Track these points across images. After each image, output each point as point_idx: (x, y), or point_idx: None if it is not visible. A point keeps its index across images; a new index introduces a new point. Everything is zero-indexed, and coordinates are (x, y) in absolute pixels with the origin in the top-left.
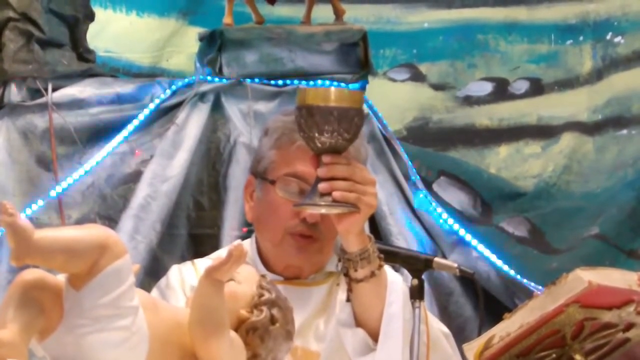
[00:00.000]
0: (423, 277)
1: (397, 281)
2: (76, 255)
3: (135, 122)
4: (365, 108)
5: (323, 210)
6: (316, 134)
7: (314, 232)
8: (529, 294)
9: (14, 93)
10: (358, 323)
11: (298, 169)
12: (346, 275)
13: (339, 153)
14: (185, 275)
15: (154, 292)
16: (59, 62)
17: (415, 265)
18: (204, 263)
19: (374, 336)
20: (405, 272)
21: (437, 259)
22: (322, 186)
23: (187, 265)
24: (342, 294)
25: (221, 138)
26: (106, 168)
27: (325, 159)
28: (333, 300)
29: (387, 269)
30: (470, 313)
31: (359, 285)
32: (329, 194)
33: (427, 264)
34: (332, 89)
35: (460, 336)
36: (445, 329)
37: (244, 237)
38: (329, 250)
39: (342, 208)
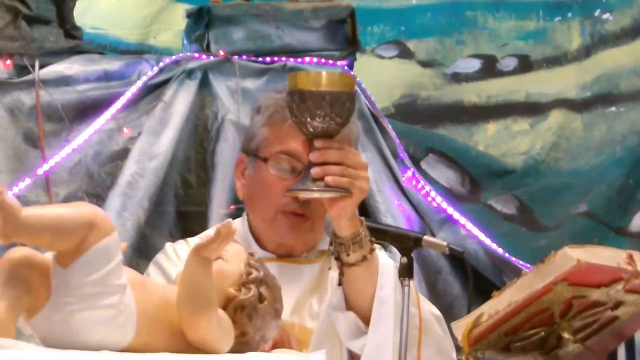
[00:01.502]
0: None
1: (388, 264)
2: (64, 233)
3: (123, 100)
4: None
5: (316, 195)
6: (308, 119)
7: (305, 210)
8: (517, 272)
9: (1, 70)
10: (349, 306)
11: (290, 147)
12: (337, 259)
13: (331, 137)
14: (179, 252)
15: (151, 268)
16: (46, 39)
17: (404, 243)
18: (196, 241)
19: (366, 319)
20: (394, 249)
21: (426, 237)
22: (314, 171)
23: (180, 243)
24: (334, 274)
25: (209, 115)
26: (93, 145)
27: (318, 143)
28: (325, 279)
29: (379, 252)
30: (458, 291)
31: (351, 269)
32: (321, 178)
33: (417, 242)
34: (324, 73)
35: (449, 314)
36: (437, 311)
37: (231, 215)
38: (321, 228)
39: (335, 192)
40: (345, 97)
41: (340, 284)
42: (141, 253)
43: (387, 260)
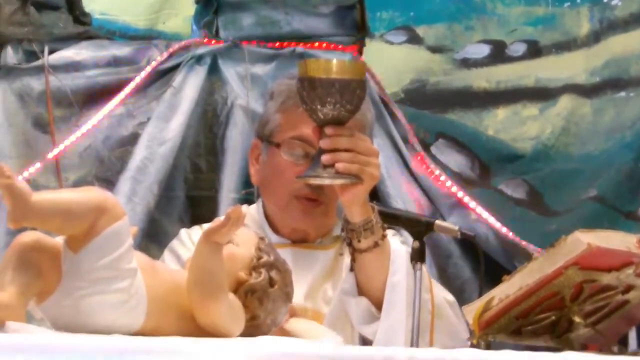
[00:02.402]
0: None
1: (400, 250)
2: (74, 218)
3: (132, 85)
4: None
5: (326, 182)
6: (318, 106)
7: (319, 195)
8: (528, 257)
9: (10, 55)
10: (361, 292)
11: (303, 132)
12: (349, 245)
13: (341, 124)
14: (194, 238)
15: (166, 254)
16: (55, 25)
17: (416, 227)
18: None
19: (378, 305)
20: (406, 233)
21: (438, 222)
22: (325, 158)
23: (195, 229)
24: (349, 259)
25: (218, 101)
26: (103, 130)
27: (328, 130)
28: (340, 265)
29: (391, 237)
30: (469, 275)
31: (363, 255)
32: (332, 165)
33: (429, 226)
34: (334, 60)
35: (460, 298)
36: (450, 297)
37: (242, 200)
38: (334, 213)
39: (345, 179)
40: (355, 85)
41: (352, 269)
42: (151, 238)
43: (398, 246)
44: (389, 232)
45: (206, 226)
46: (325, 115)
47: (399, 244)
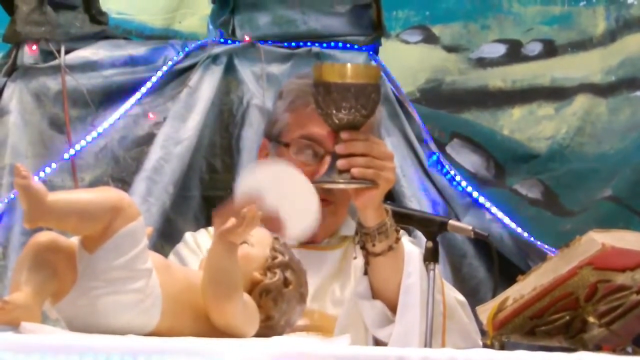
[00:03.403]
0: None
1: (413, 252)
2: (89, 218)
3: (148, 85)
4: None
5: (342, 187)
6: (334, 111)
7: (327, 195)
8: (542, 256)
9: (27, 55)
10: (376, 295)
11: (312, 131)
12: (363, 248)
13: (356, 129)
14: (200, 241)
15: (171, 257)
16: (71, 24)
17: (430, 227)
18: None
19: (392, 307)
20: (419, 234)
21: (451, 222)
22: (340, 163)
23: (201, 232)
24: (356, 260)
25: (234, 100)
26: (119, 130)
27: (344, 135)
28: (347, 265)
29: (403, 238)
30: (483, 275)
31: (377, 258)
32: (347, 170)
33: (442, 226)
34: (349, 65)
35: (474, 298)
36: (461, 297)
37: None
38: (342, 213)
39: (361, 184)
40: (370, 89)
41: (366, 273)
42: (166, 238)
43: (412, 248)
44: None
45: (212, 229)
46: (341, 120)
47: (410, 244)
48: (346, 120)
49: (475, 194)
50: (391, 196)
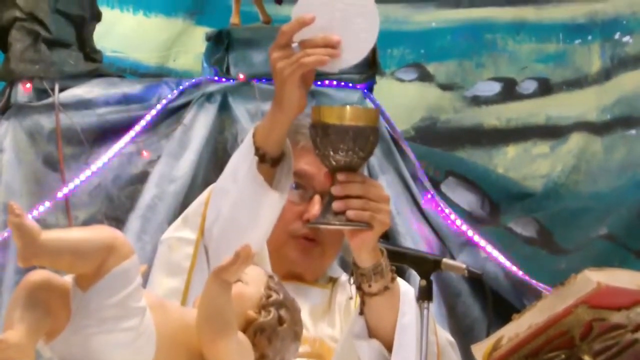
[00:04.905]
0: (431, 277)
1: (409, 291)
2: (83, 256)
3: (142, 123)
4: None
5: (337, 228)
6: (331, 152)
7: (316, 235)
8: (537, 295)
9: (21, 93)
10: (372, 334)
11: (301, 168)
12: (359, 289)
13: (353, 171)
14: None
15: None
16: (65, 62)
17: (423, 266)
18: None
19: (389, 347)
20: (413, 272)
21: (445, 260)
22: (336, 205)
23: None
24: (341, 299)
25: (228, 138)
26: (113, 169)
27: (340, 177)
28: (333, 307)
29: (399, 280)
30: (478, 313)
31: (373, 298)
32: (343, 212)
33: (436, 265)
34: (348, 107)
35: (469, 337)
36: (451, 338)
37: None
38: (331, 254)
39: (356, 226)
40: (369, 132)
41: (361, 313)
42: None
43: (407, 287)
44: None
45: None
46: (338, 161)
47: (406, 284)
48: (343, 162)
49: (470, 232)
50: (385, 234)
